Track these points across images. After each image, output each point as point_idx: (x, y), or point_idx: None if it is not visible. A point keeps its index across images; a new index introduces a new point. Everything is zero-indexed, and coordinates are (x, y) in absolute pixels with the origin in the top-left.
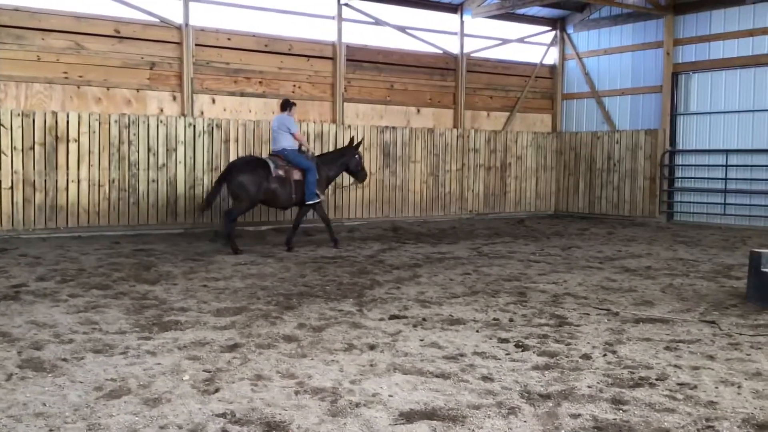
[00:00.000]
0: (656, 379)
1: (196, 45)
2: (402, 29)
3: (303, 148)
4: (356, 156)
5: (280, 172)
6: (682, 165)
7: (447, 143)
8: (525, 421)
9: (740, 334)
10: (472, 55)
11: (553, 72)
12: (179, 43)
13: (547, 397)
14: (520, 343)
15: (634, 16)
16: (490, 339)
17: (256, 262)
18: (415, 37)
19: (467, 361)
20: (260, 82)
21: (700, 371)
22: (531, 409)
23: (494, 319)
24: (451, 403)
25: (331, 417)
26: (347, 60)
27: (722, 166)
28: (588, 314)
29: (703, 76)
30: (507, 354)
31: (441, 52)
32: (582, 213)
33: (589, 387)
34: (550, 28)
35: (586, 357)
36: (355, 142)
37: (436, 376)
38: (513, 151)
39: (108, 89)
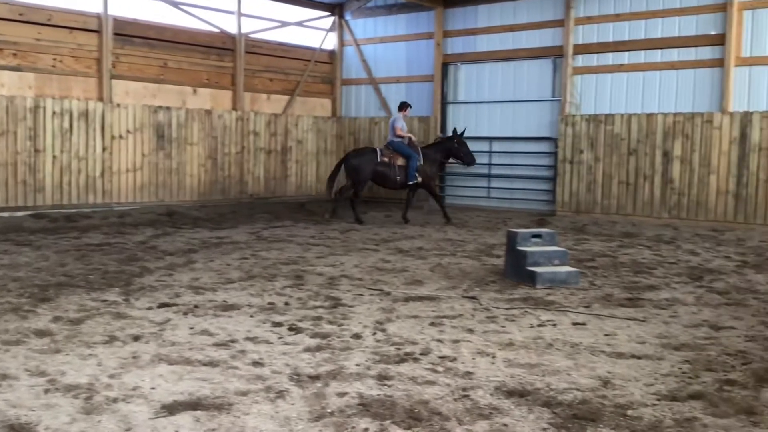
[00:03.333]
0: (420, 354)
1: None
2: (176, 4)
3: (404, 140)
4: (455, 144)
5: (385, 159)
6: None
7: (226, 125)
8: (293, 404)
9: (497, 308)
10: (251, 35)
11: (333, 57)
12: None
13: (316, 378)
14: (294, 327)
15: (408, 7)
16: (264, 323)
17: (9, 251)
18: (190, 14)
19: (238, 347)
20: (14, 55)
21: (460, 344)
22: (299, 391)
23: (270, 303)
24: (218, 391)
25: (85, 415)
26: (115, 34)
27: (487, 152)
28: (362, 295)
29: (470, 68)
30: (280, 338)
31: (218, 30)
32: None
33: (357, 365)
34: (329, 13)
35: (357, 336)
36: (458, 132)
37: (204, 365)
38: (294, 135)
39: None
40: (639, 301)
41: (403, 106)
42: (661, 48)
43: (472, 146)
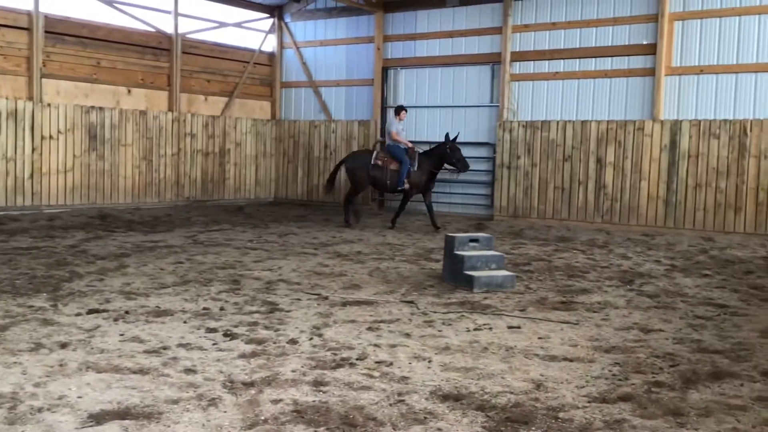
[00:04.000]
0: (357, 359)
1: None
2: (110, 2)
3: (401, 145)
4: (447, 149)
5: (378, 162)
6: None
7: (161, 127)
8: (225, 411)
9: (434, 312)
10: (188, 36)
11: (272, 59)
12: None
13: (250, 385)
14: (229, 332)
15: (348, 11)
16: (198, 329)
17: None
18: (124, 13)
19: (170, 354)
20: None
21: (396, 348)
22: (233, 398)
23: (204, 308)
24: (148, 400)
25: (8, 425)
26: (46, 32)
27: None
28: (299, 299)
29: (409, 72)
30: (214, 344)
31: (154, 30)
32: (301, 200)
33: (293, 371)
34: (268, 15)
35: (293, 342)
36: (451, 138)
37: (134, 373)
38: (232, 137)
39: None
40: (572, 304)
41: (398, 111)
42: (595, 57)
43: None
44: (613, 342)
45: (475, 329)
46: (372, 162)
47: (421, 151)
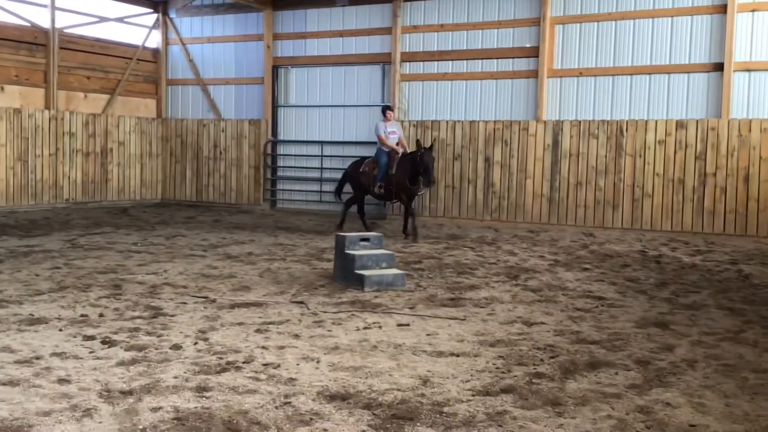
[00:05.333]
0: (243, 362)
1: None
2: None
3: (384, 148)
4: (418, 156)
5: (366, 168)
6: (283, 155)
7: (38, 125)
8: (100, 422)
9: (324, 312)
10: (66, 30)
11: (157, 56)
12: None
13: (129, 393)
14: (108, 339)
15: (236, 8)
16: (75, 337)
17: None
18: None
19: (43, 364)
20: None
21: (285, 350)
22: (109, 408)
23: (82, 315)
24: (18, 412)
25: None
26: None
27: (318, 156)
28: (185, 303)
29: (300, 71)
30: (91, 352)
31: (28, 24)
32: (190, 201)
33: (175, 378)
34: (152, 10)
35: (177, 347)
36: (423, 143)
37: (3, 384)
38: (115, 136)
39: None
40: (460, 300)
41: (384, 111)
42: (482, 59)
43: (304, 150)
44: (498, 336)
45: (364, 328)
46: (361, 168)
47: (400, 153)
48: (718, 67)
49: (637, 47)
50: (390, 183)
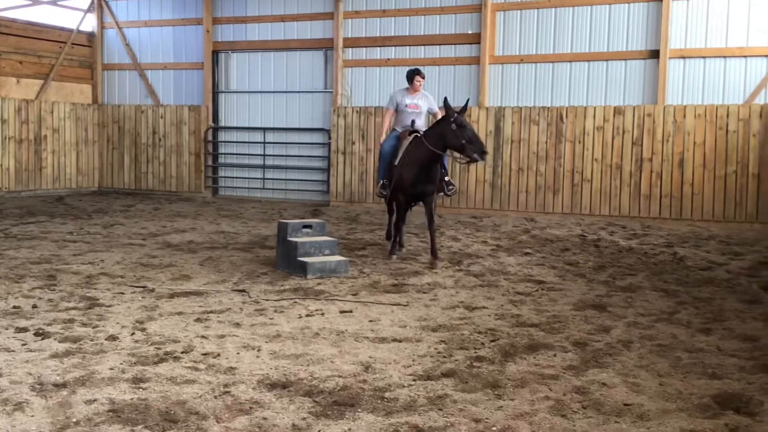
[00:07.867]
0: (182, 352)
1: None
2: None
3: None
4: (452, 125)
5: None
6: (225, 141)
7: None
8: (32, 416)
9: (266, 300)
10: None
11: (92, 40)
12: None
13: (62, 386)
14: (41, 331)
15: None
16: (6, 330)
17: None
18: None
19: None
20: None
21: (225, 339)
22: (42, 401)
23: (15, 306)
24: None
25: None
26: None
27: (261, 143)
28: (123, 293)
29: (241, 56)
30: (24, 344)
31: None
32: (128, 189)
33: (111, 369)
34: None
35: (113, 338)
36: (448, 106)
37: None
38: (49, 123)
39: None
40: (404, 286)
41: (410, 77)
42: (425, 45)
43: (245, 136)
44: (440, 321)
45: (307, 315)
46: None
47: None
48: (654, 54)
49: (577, 34)
50: (398, 177)
